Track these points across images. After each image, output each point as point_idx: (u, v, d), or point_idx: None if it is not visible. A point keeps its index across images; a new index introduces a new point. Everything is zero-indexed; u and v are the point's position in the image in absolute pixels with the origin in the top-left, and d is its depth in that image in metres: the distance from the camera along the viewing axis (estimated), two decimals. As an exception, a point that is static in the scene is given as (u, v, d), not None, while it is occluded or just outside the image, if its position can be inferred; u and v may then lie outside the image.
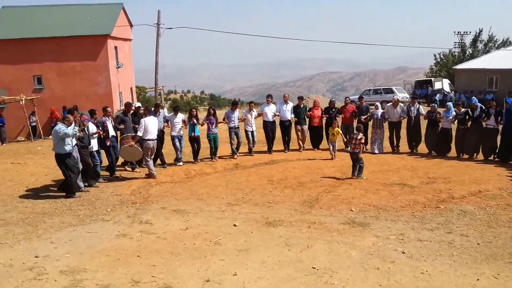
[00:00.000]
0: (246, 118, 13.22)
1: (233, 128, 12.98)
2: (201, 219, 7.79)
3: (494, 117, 11.95)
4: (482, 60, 33.16)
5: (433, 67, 48.66)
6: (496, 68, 30.37)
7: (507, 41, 43.60)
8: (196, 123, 12.36)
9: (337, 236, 6.80)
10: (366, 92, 31.87)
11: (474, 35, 46.28)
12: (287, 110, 13.79)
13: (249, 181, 10.49)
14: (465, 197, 8.64)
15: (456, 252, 6.07)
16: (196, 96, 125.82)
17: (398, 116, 13.66)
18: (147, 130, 10.66)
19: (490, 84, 30.54)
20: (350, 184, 9.91)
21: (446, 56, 46.94)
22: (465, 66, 33.48)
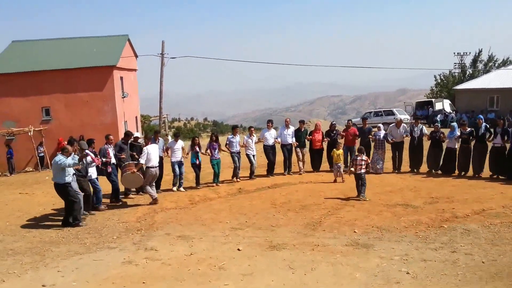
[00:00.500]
0: (246, 143, 13.48)
1: (235, 152, 13.25)
2: (205, 244, 7.82)
3: (500, 135, 12.07)
4: (483, 80, 33.44)
5: (433, 88, 49.03)
6: (497, 87, 30.60)
7: (507, 61, 44.02)
8: (199, 151, 12.63)
9: (341, 258, 6.81)
10: (367, 115, 32.11)
11: (474, 56, 46.85)
12: (288, 134, 14.03)
13: (252, 205, 10.55)
14: (469, 216, 8.65)
15: (461, 272, 6.07)
16: (199, 123, 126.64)
17: (401, 136, 13.87)
18: (149, 158, 10.85)
19: (491, 103, 30.71)
20: (353, 206, 9.94)
21: (447, 77, 47.36)
22: (466, 86, 33.74)
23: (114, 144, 11.81)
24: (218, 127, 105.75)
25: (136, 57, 30.58)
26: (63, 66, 24.60)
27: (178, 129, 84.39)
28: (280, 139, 14.00)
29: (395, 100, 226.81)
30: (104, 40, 28.44)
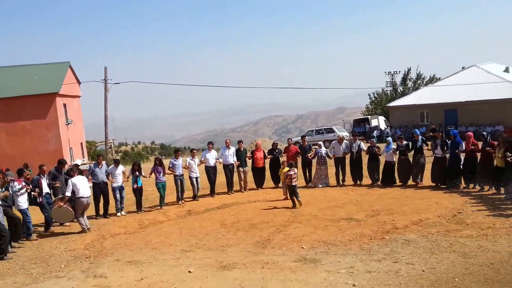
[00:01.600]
0: (189, 166, 13.59)
1: (178, 175, 13.33)
2: (156, 268, 7.73)
3: (440, 147, 12.94)
4: (413, 97, 35.36)
5: (369, 106, 51.16)
6: (426, 103, 32.48)
7: (433, 78, 46.83)
8: (139, 175, 12.69)
9: (290, 274, 6.95)
10: (309, 133, 33.01)
11: (403, 74, 49.48)
12: (229, 155, 14.41)
13: (202, 226, 10.56)
14: (408, 227, 9.11)
15: (403, 281, 6.36)
16: (147, 146, 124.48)
17: (343, 152, 14.55)
18: (77, 188, 10.71)
19: (422, 118, 32.49)
20: (300, 222, 10.17)
21: (380, 95, 49.61)
22: (398, 103, 35.51)
23: (48, 172, 11.66)
24: (166, 149, 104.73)
25: (79, 83, 30.28)
26: (4, 95, 24.24)
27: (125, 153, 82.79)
28: (221, 159, 14.30)
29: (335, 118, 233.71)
30: (46, 68, 28.16)
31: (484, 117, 28.87)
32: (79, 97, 30.57)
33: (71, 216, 10.79)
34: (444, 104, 31.33)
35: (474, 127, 27.62)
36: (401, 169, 13.78)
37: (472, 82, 30.76)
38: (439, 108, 31.54)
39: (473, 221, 9.14)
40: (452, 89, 31.77)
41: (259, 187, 14.94)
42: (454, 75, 35.41)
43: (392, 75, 50.51)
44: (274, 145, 15.54)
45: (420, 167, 13.50)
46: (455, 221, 9.28)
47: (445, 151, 12.88)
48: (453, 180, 12.70)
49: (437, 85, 36.57)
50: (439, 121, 30.13)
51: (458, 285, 6.09)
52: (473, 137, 12.57)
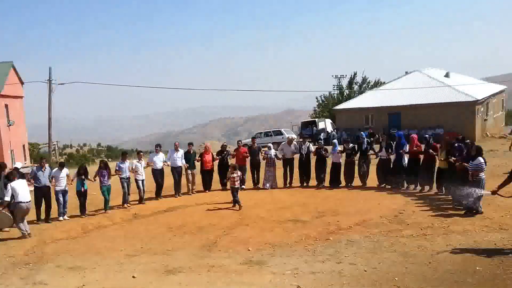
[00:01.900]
0: (136, 168, 13.35)
1: (125, 178, 13.06)
2: (98, 274, 7.50)
3: (385, 149, 13.40)
4: (359, 100, 36.29)
5: (316, 109, 52.08)
6: (370, 106, 33.43)
7: (378, 82, 48.34)
8: (84, 179, 12.36)
9: (236, 277, 6.95)
10: (258, 135, 33.18)
11: (349, 78, 50.77)
12: (177, 157, 14.22)
13: (148, 230, 10.38)
14: (351, 228, 9.34)
15: (346, 281, 6.51)
16: (93, 149, 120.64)
17: (292, 153, 14.77)
18: (17, 193, 10.21)
19: (367, 121, 33.37)
20: (247, 224, 10.19)
21: (327, 98, 50.62)
22: (344, 106, 36.34)
23: None
24: (113, 152, 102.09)
25: (22, 84, 29.05)
26: None
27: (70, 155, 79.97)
28: (169, 162, 14.13)
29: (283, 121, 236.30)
30: (-13, 67, 26.83)
31: (425, 121, 30.01)
32: (22, 97, 29.44)
33: (10, 222, 10.34)
34: (387, 107, 32.37)
35: (416, 130, 28.66)
36: (347, 171, 14.14)
37: (415, 87, 31.95)
38: (383, 112, 32.57)
39: (413, 221, 9.50)
40: (395, 93, 32.89)
41: (207, 189, 14.85)
42: (397, 80, 36.64)
43: (339, 78, 51.73)
44: (223, 147, 15.49)
45: (364, 169, 13.91)
46: (396, 221, 9.60)
47: (390, 153, 13.32)
48: (397, 181, 13.17)
49: (381, 89, 37.78)
50: (383, 124, 31.09)
51: (398, 284, 6.29)
52: (417, 139, 13.08)
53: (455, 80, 34.99)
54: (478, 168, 9.62)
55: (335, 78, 52.00)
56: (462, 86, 32.02)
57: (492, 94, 34.84)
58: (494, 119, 35.61)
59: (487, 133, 31.93)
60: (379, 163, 13.73)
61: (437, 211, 10.23)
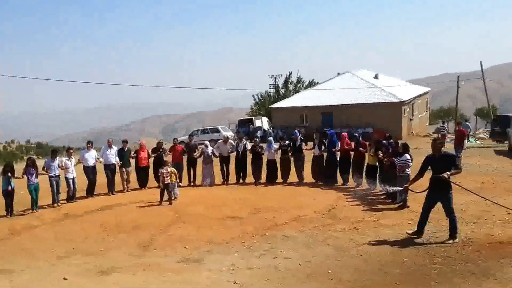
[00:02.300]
0: (65, 166, 12.86)
1: (54, 176, 12.57)
2: (28, 277, 7.17)
3: (317, 146, 13.84)
4: (293, 99, 37.05)
5: (253, 107, 52.51)
6: (305, 105, 34.26)
7: (312, 82, 49.55)
8: (11, 177, 11.73)
9: (172, 276, 6.91)
10: (195, 132, 32.97)
11: (285, 77, 51.64)
12: (111, 154, 13.92)
13: (81, 229, 10.02)
14: (287, 223, 9.55)
15: (281, 275, 6.66)
16: (22, 145, 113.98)
17: (227, 151, 14.86)
18: None
19: (302, 120, 34.15)
20: (183, 222, 10.12)
21: (264, 97, 51.17)
22: (280, 105, 36.98)
23: None
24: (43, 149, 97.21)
25: None
26: None
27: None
28: (102, 159, 13.81)
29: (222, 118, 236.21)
30: None
31: (356, 120, 31.17)
32: None
33: None
34: (321, 107, 33.32)
35: (347, 129, 29.70)
36: (283, 167, 14.47)
37: (346, 87, 33.11)
38: (316, 111, 33.48)
39: (345, 215, 9.87)
40: (328, 93, 33.93)
41: (143, 187, 14.62)
42: (330, 80, 37.82)
43: (275, 78, 52.45)
44: (159, 144, 15.35)
45: (299, 165, 14.29)
46: (329, 216, 9.94)
47: (323, 150, 13.76)
48: (330, 177, 13.62)
49: (315, 89, 38.82)
50: (317, 123, 31.92)
51: (331, 276, 6.53)
52: (347, 138, 13.59)
53: (384, 82, 36.67)
54: (404, 164, 10.31)
55: (271, 78, 52.72)
56: (390, 88, 33.56)
57: (417, 95, 36.81)
58: (419, 119, 37.62)
59: (413, 132, 33.71)
60: (313, 159, 14.13)
61: (367, 206, 10.70)
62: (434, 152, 7.85)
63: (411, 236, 7.99)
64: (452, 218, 7.70)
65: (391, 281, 6.22)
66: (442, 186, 7.59)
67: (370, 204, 10.95)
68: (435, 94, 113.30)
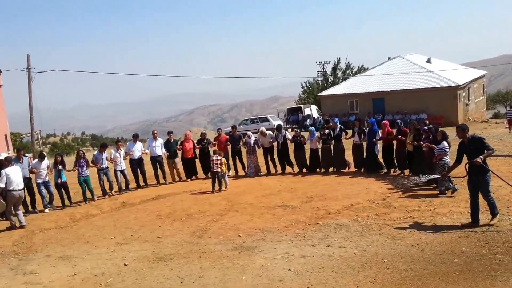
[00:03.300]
0: (114, 158, 13.17)
1: (102, 169, 12.90)
2: (89, 263, 7.53)
3: (357, 134, 13.59)
4: (343, 86, 36.48)
5: (301, 95, 52.22)
6: (355, 92, 33.67)
7: (361, 68, 48.60)
8: (62, 169, 12.12)
9: (227, 263, 7.02)
10: (244, 122, 33.19)
11: (333, 64, 50.93)
12: (157, 146, 14.09)
13: (137, 218, 10.36)
14: (340, 212, 9.45)
15: (336, 264, 6.62)
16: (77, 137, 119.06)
17: (268, 142, 14.71)
18: (10, 181, 10.07)
19: (352, 107, 33.64)
20: (236, 211, 10.25)
21: (312, 85, 50.74)
22: (329, 93, 36.52)
23: None
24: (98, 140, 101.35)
25: (0, 72, 28.38)
26: None
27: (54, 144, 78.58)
28: (148, 151, 14.00)
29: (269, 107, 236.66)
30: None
31: (409, 106, 30.35)
32: (0, 86, 28.75)
33: (2, 208, 10.10)
34: (371, 93, 32.65)
35: (400, 115, 28.98)
36: (323, 157, 14.25)
37: (397, 72, 32.24)
38: (367, 97, 32.84)
39: (400, 204, 9.64)
40: (379, 79, 33.16)
41: (189, 178, 14.74)
42: (380, 65, 36.91)
43: (323, 65, 51.87)
44: (203, 135, 15.31)
45: (338, 155, 14.01)
46: (384, 205, 9.74)
47: (362, 139, 13.55)
48: (372, 166, 13.38)
49: (365, 75, 38.02)
50: (368, 110, 31.35)
51: (387, 265, 6.42)
52: (388, 125, 13.31)
53: (437, 66, 35.34)
54: (442, 151, 10.09)
55: (319, 65, 52.18)
56: (444, 72, 32.37)
57: (473, 79, 35.30)
58: (475, 104, 36.14)
59: (469, 118, 32.43)
60: (352, 148, 13.88)
61: (422, 195, 10.38)
62: (460, 138, 7.86)
63: (467, 226, 7.76)
64: (489, 200, 7.71)
65: (449, 271, 6.04)
66: (478, 171, 7.54)
67: (424, 192, 10.62)
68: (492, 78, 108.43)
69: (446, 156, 10.09)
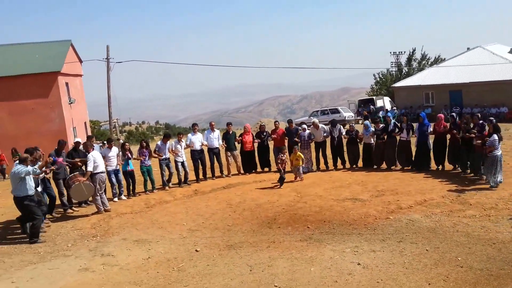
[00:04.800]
0: (175, 150, 13.15)
1: (164, 160, 12.92)
2: (162, 247, 7.87)
3: (406, 130, 13.15)
4: (418, 77, 35.08)
5: (373, 86, 50.89)
6: (431, 84, 32.25)
7: (438, 58, 46.45)
8: (130, 158, 12.29)
9: (296, 253, 7.06)
10: (314, 113, 32.91)
11: (408, 54, 49.06)
12: (214, 138, 13.94)
13: (208, 206, 10.65)
14: (412, 207, 9.19)
15: (407, 260, 6.47)
16: (151, 126, 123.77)
17: (321, 137, 14.30)
18: (96, 164, 10.51)
19: (427, 99, 32.31)
20: (305, 202, 10.25)
21: (385, 75, 49.27)
22: (403, 84, 35.28)
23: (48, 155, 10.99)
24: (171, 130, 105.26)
25: (81, 62, 30.02)
26: (5, 73, 23.78)
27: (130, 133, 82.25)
28: (206, 142, 13.87)
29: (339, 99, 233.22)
30: (47, 46, 27.65)
31: (488, 99, 28.67)
32: (81, 76, 30.33)
33: (92, 192, 10.44)
34: (448, 85, 31.07)
35: (478, 108, 27.48)
36: (376, 153, 13.82)
37: (477, 63, 30.49)
38: (443, 89, 31.33)
39: (477, 201, 9.20)
40: (457, 70, 31.52)
41: (248, 171, 14.49)
42: (459, 56, 35.05)
43: (397, 55, 50.15)
44: (262, 128, 14.98)
45: (389, 151, 13.53)
46: (459, 201, 9.33)
47: (411, 135, 13.13)
48: (423, 163, 12.89)
49: (442, 65, 36.26)
50: (444, 102, 29.99)
51: (461, 264, 6.20)
52: (443, 119, 12.73)
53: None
54: (492, 144, 10.06)
55: (392, 55, 50.50)
56: (529, 63, 30.18)
57: None
58: None
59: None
60: (399, 144, 13.37)
61: (498, 192, 9.80)
62: None
63: None
64: None
65: (529, 272, 5.73)
66: None
67: (502, 191, 10.01)
68: None
69: (497, 149, 10.07)
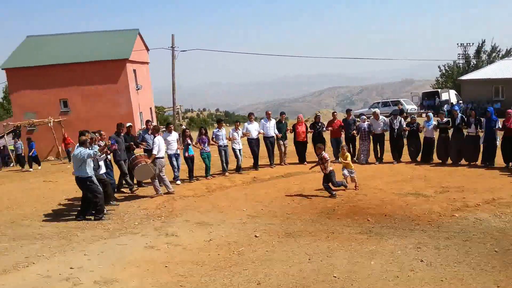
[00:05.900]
0: (233, 137, 13.37)
1: (222, 146, 13.17)
2: (223, 231, 8.04)
3: (474, 125, 12.57)
4: (487, 70, 33.41)
5: (439, 79, 49.03)
6: (501, 77, 30.58)
7: (510, 51, 43.94)
8: (190, 143, 12.59)
9: (356, 246, 6.98)
10: (375, 105, 32.22)
11: (477, 46, 46.81)
12: (270, 127, 13.97)
13: (267, 193, 10.76)
14: (480, 205, 8.79)
15: (474, 260, 6.20)
16: (212, 113, 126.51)
17: (381, 129, 13.92)
18: (159, 149, 10.97)
19: (497, 93, 30.70)
20: (365, 195, 10.10)
21: (451, 68, 47.30)
22: (470, 77, 33.72)
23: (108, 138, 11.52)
24: (230, 117, 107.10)
25: (148, 50, 31.23)
26: (78, 60, 25.52)
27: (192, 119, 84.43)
28: (263, 131, 13.96)
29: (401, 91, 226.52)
30: (116, 34, 29.19)
31: None
32: (147, 63, 31.50)
33: (152, 174, 10.77)
34: (521, 79, 29.39)
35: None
36: (440, 147, 13.28)
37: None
38: (515, 83, 29.68)
39: (553, 203, 8.68)
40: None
41: (301, 162, 14.38)
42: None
43: (465, 47, 47.92)
44: (317, 118, 14.82)
45: (455, 146, 12.97)
46: (532, 202, 8.85)
47: (479, 130, 12.51)
48: (489, 159, 12.34)
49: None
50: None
51: (533, 267, 5.88)
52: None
53: None
54: None
55: (460, 47, 48.29)
56: None
57: None
58: None
59: None
60: (466, 139, 12.78)
61: None
62: None
63: None
64: None
65: None
66: None
67: None
68: None
69: None
